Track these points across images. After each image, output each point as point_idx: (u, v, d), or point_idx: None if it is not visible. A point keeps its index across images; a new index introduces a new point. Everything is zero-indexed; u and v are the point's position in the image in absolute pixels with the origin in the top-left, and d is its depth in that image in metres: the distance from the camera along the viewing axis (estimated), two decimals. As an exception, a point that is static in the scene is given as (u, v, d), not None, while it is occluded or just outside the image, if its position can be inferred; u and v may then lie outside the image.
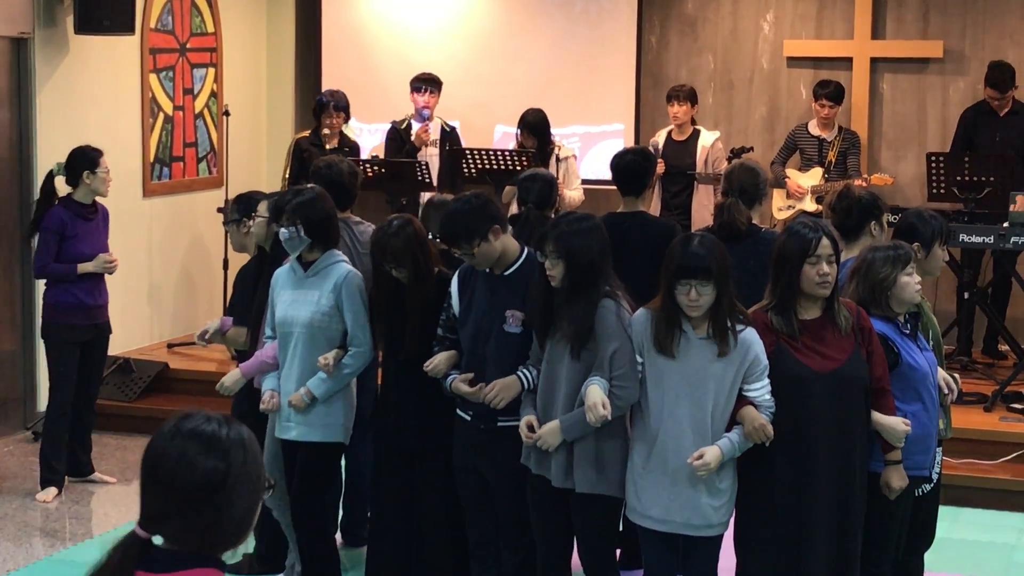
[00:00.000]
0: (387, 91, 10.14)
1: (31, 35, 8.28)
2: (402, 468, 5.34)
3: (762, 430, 4.45)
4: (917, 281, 4.79)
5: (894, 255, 4.74)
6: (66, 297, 7.12)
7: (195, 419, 2.38)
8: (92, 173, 7.14)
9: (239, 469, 2.35)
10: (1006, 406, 7.81)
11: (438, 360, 5.07)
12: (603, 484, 4.68)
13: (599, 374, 4.58)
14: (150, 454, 2.36)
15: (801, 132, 9.36)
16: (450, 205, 5.03)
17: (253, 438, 2.42)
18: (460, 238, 4.89)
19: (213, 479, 2.32)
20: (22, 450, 8.15)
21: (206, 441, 2.35)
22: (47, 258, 7.10)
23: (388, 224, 5.18)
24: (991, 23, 9.50)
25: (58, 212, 7.11)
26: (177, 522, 2.34)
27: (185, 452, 2.33)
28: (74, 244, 7.11)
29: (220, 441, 2.35)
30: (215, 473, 2.32)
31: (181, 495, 2.32)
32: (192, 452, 2.33)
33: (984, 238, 7.98)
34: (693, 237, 4.57)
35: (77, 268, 7.10)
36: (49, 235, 7.09)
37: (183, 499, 2.32)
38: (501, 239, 4.93)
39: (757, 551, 4.63)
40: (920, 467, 4.79)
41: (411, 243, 5.11)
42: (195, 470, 2.32)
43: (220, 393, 5.68)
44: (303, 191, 5.42)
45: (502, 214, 5.02)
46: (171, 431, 2.37)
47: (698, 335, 4.50)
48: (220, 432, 2.36)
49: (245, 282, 5.92)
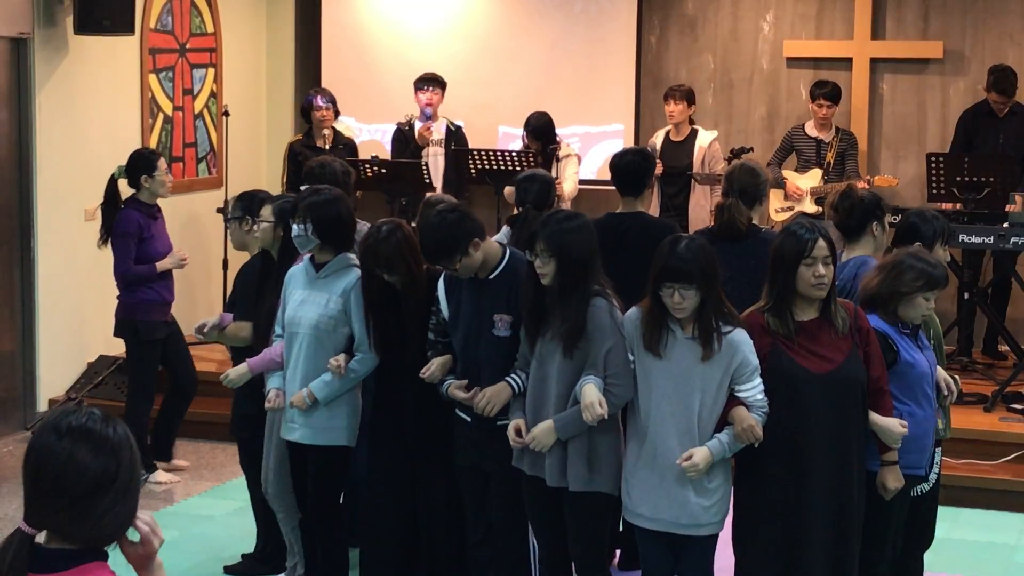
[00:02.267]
0: (387, 91, 10.14)
1: (31, 35, 8.27)
2: (399, 469, 5.34)
3: (751, 431, 4.45)
4: (930, 307, 4.77)
5: (928, 274, 4.71)
6: (151, 295, 7.34)
7: (80, 416, 2.39)
8: (150, 176, 7.35)
9: (127, 469, 2.38)
10: (1006, 406, 7.81)
11: (433, 366, 5.06)
12: (597, 482, 4.68)
13: (593, 373, 4.58)
14: (37, 452, 2.38)
15: (798, 133, 9.35)
16: (427, 221, 4.96)
17: (132, 436, 2.44)
18: (441, 256, 4.88)
19: (104, 479, 2.34)
20: (22, 450, 8.10)
21: (95, 441, 2.36)
22: (128, 261, 7.29)
23: (377, 230, 5.14)
24: (991, 23, 9.50)
25: (133, 215, 7.30)
26: (65, 519, 2.35)
27: (75, 452, 2.34)
28: (150, 244, 7.34)
29: (108, 440, 2.37)
30: (106, 474, 2.35)
31: (71, 494, 2.33)
32: (82, 452, 2.34)
33: (984, 238, 7.98)
34: (681, 240, 4.56)
35: (156, 267, 7.33)
36: (128, 239, 7.29)
37: (73, 498, 2.33)
38: (482, 248, 4.91)
39: (755, 551, 4.63)
40: (916, 466, 4.79)
41: (401, 248, 5.08)
42: (86, 471, 2.34)
43: (224, 385, 5.67)
44: (320, 191, 5.44)
45: (480, 224, 4.97)
46: (57, 428, 2.37)
47: (685, 335, 4.50)
48: (107, 431, 2.38)
49: (247, 279, 5.91)
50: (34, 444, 2.39)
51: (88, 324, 8.89)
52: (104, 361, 8.85)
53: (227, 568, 6.17)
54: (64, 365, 8.72)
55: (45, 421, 2.41)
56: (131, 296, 7.34)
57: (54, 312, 8.58)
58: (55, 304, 8.58)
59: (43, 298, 8.49)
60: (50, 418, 2.41)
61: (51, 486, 2.34)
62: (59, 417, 2.39)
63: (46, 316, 8.52)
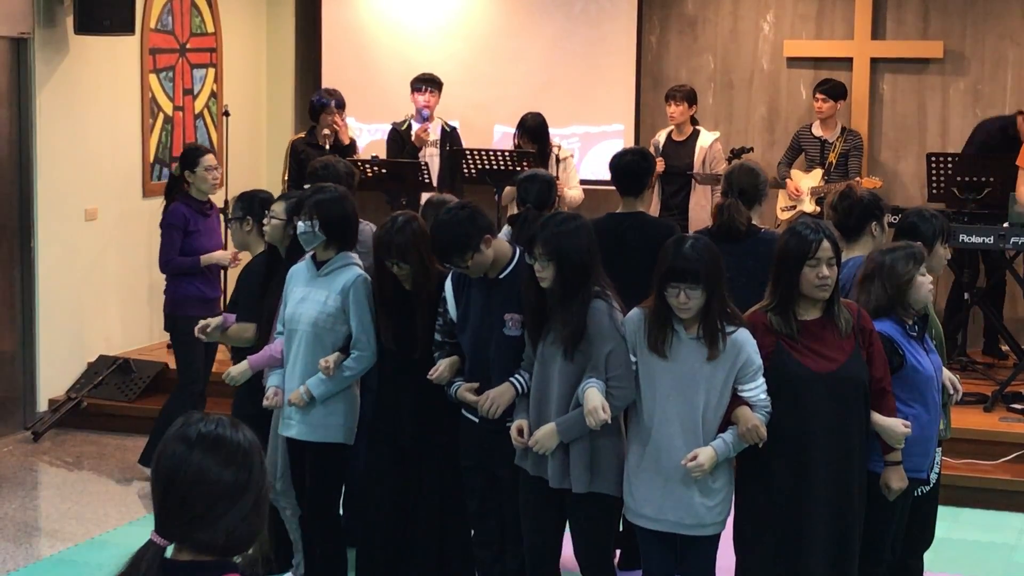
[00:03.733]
0: (387, 91, 10.14)
1: (31, 35, 8.28)
2: (397, 468, 5.34)
3: (755, 431, 4.45)
4: (931, 280, 4.79)
5: (909, 253, 4.74)
6: (189, 290, 7.33)
7: (209, 423, 2.32)
8: (192, 172, 7.37)
9: (258, 476, 2.33)
10: (1006, 406, 7.81)
11: (442, 368, 5.07)
12: (600, 483, 4.68)
13: (595, 376, 4.57)
14: (168, 462, 2.30)
15: (804, 133, 9.36)
16: (438, 218, 4.97)
17: (259, 442, 2.39)
18: (453, 253, 4.88)
19: (236, 489, 2.29)
20: (22, 450, 8.15)
21: (227, 450, 2.30)
22: (172, 252, 7.32)
23: (392, 220, 5.18)
24: (991, 23, 9.50)
25: (179, 208, 7.33)
26: (197, 531, 2.29)
27: (206, 463, 2.28)
28: (196, 239, 7.36)
29: (240, 449, 2.31)
30: (236, 484, 2.29)
31: (203, 505, 2.27)
32: (212, 462, 2.28)
33: (984, 238, 7.98)
34: (686, 240, 4.56)
35: (200, 260, 7.33)
36: (173, 231, 7.33)
37: (204, 509, 2.28)
38: (493, 246, 4.93)
39: (756, 551, 4.63)
40: (918, 469, 4.78)
41: (415, 239, 5.10)
42: (219, 481, 2.28)
43: (225, 382, 5.68)
44: (327, 188, 5.45)
45: (490, 221, 5.00)
46: (188, 438, 2.30)
47: (689, 335, 4.50)
48: (238, 438, 2.32)
49: (251, 279, 5.91)
50: (163, 454, 2.31)
51: (88, 324, 8.90)
52: (104, 361, 8.85)
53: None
54: (64, 365, 8.72)
55: (173, 430, 2.33)
56: (174, 290, 7.38)
57: (54, 312, 8.58)
58: (55, 304, 8.58)
59: (43, 298, 8.49)
60: (177, 426, 2.33)
61: (183, 498, 2.27)
62: (187, 425, 2.32)
63: (46, 316, 8.52)
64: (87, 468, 7.88)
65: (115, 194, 9.04)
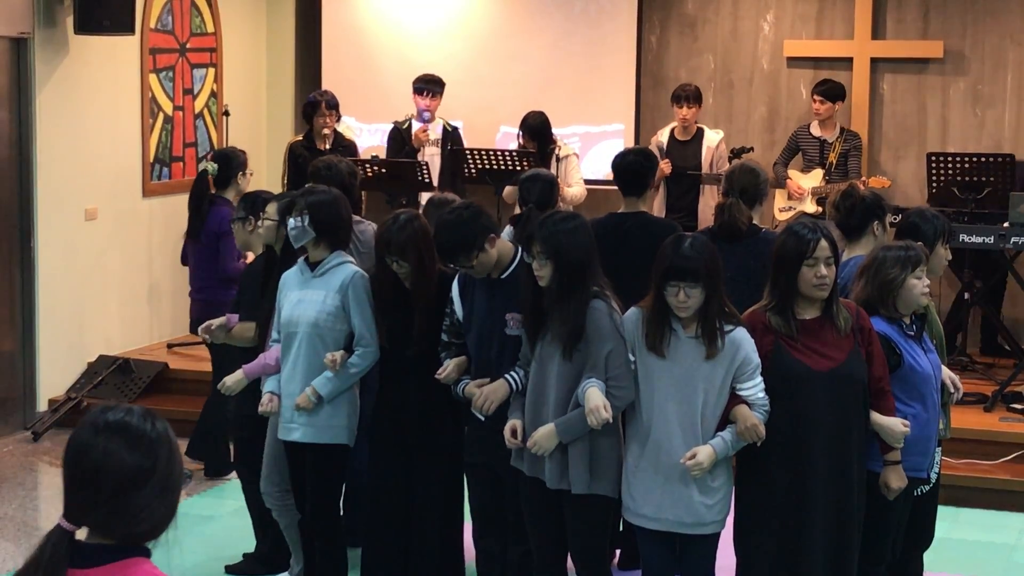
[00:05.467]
0: (387, 91, 10.14)
1: (31, 35, 8.27)
2: (399, 465, 5.34)
3: (754, 430, 4.46)
4: (926, 284, 4.78)
5: (904, 256, 4.73)
6: (223, 296, 7.15)
7: (119, 412, 2.39)
8: (243, 175, 7.48)
9: (164, 464, 2.38)
10: (1006, 406, 7.81)
11: (449, 368, 5.07)
12: (598, 484, 4.68)
13: (595, 375, 4.57)
14: (75, 447, 2.37)
15: (803, 133, 9.36)
16: (443, 219, 4.97)
17: (172, 433, 2.44)
18: (458, 253, 4.88)
19: (139, 475, 2.34)
20: (22, 450, 8.15)
21: (132, 436, 2.36)
22: (233, 258, 7.34)
23: (395, 218, 5.19)
24: (991, 23, 9.50)
25: (227, 212, 7.26)
26: (103, 515, 2.35)
27: (110, 447, 2.34)
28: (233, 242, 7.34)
29: (145, 436, 2.37)
30: (141, 470, 2.35)
31: (107, 489, 2.34)
32: (117, 447, 2.34)
33: (984, 238, 7.98)
34: (684, 238, 4.56)
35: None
36: (231, 236, 7.18)
37: (109, 493, 2.34)
38: (497, 245, 4.93)
39: (756, 550, 4.63)
40: (918, 468, 4.79)
41: (416, 237, 5.11)
42: (122, 466, 2.34)
43: (222, 393, 5.68)
44: (321, 189, 5.46)
45: (493, 221, 5.00)
46: (95, 424, 2.37)
47: (688, 334, 4.50)
48: (145, 427, 2.38)
49: (252, 280, 5.93)
50: (72, 440, 2.39)
51: (88, 324, 8.90)
52: (104, 361, 8.85)
53: (228, 568, 6.17)
54: (64, 365, 8.72)
55: (84, 417, 2.41)
56: (211, 294, 7.33)
57: (54, 312, 8.58)
58: (55, 304, 8.58)
59: (43, 298, 8.49)
60: (89, 414, 2.41)
61: (88, 482, 2.34)
62: (98, 413, 2.40)
63: (46, 316, 8.52)
64: (87, 468, 7.86)
65: (115, 194, 9.04)
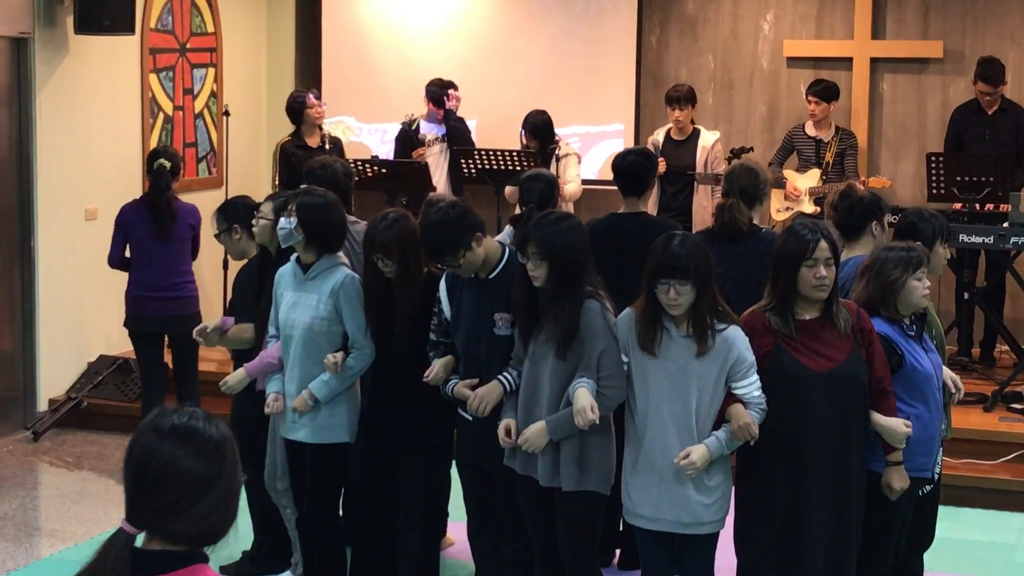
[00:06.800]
0: (387, 91, 10.14)
1: (31, 35, 8.28)
2: (387, 463, 5.35)
3: (747, 429, 4.45)
4: (927, 285, 4.77)
5: (906, 257, 4.72)
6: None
7: (183, 416, 2.36)
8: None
9: (230, 467, 2.36)
10: (1006, 406, 7.81)
11: (436, 368, 5.07)
12: (589, 481, 4.68)
13: (586, 375, 4.57)
14: (139, 453, 2.34)
15: (798, 133, 9.35)
16: (429, 218, 4.96)
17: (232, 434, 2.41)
18: (445, 252, 4.88)
19: (205, 481, 2.32)
20: (22, 450, 8.15)
21: (199, 442, 2.33)
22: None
23: (383, 216, 5.19)
24: (991, 23, 9.50)
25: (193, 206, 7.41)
26: (167, 520, 2.33)
27: (177, 453, 2.31)
28: None
29: (211, 441, 2.34)
30: (207, 475, 2.32)
31: (173, 496, 2.31)
32: (184, 453, 2.31)
33: (984, 238, 7.98)
34: (675, 237, 4.56)
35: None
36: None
37: (174, 499, 2.31)
38: (484, 244, 4.93)
39: (756, 551, 4.63)
40: (922, 469, 4.78)
41: (401, 237, 5.11)
42: (189, 472, 2.31)
43: (223, 392, 5.68)
44: (316, 192, 5.46)
45: (480, 219, 5.00)
46: (159, 429, 2.34)
47: (680, 333, 4.50)
48: (210, 431, 2.35)
49: (246, 282, 5.93)
50: (135, 445, 2.35)
51: (88, 324, 8.90)
52: (104, 361, 8.85)
53: (224, 568, 6.17)
54: (64, 365, 8.72)
55: (145, 421, 2.37)
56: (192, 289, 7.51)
57: (54, 312, 8.58)
58: (55, 304, 8.58)
59: (43, 298, 8.49)
60: (151, 417, 2.37)
61: (153, 487, 2.31)
62: (159, 417, 2.36)
63: (46, 316, 8.52)
64: (87, 468, 7.88)
65: (115, 194, 9.01)
